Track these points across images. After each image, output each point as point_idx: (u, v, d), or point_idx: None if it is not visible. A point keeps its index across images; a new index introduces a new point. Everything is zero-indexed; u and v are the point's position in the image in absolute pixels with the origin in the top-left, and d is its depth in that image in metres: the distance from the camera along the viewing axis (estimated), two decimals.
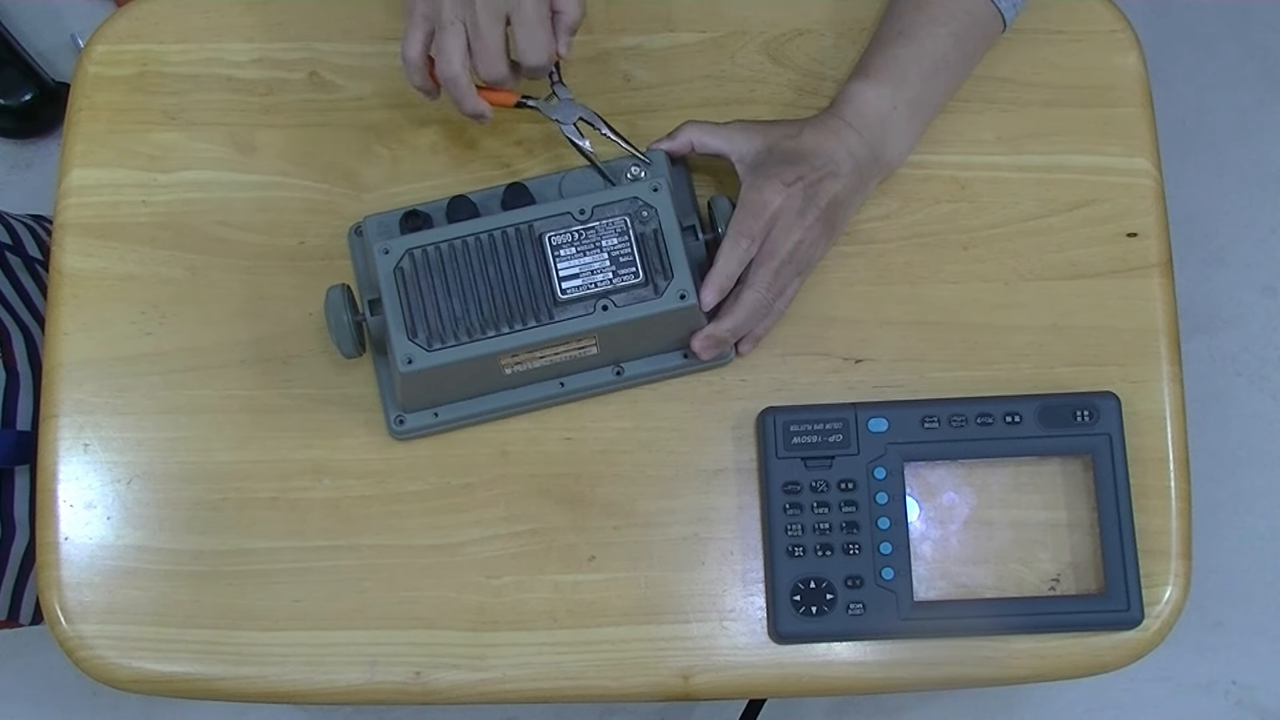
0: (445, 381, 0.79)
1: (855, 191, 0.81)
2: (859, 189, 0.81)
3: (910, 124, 0.82)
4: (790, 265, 0.79)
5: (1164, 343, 0.84)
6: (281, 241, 0.86)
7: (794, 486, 0.80)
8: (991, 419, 0.80)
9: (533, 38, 0.76)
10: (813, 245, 0.79)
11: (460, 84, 0.77)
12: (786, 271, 0.79)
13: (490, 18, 0.75)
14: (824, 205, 0.78)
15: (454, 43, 0.75)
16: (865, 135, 0.80)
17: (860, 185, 0.81)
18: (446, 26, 0.75)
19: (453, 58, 0.76)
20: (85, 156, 0.87)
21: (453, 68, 0.76)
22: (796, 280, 0.81)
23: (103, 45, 0.89)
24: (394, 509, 0.82)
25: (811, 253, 0.80)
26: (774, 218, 0.78)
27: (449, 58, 0.76)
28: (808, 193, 0.78)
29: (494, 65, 0.76)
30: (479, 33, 0.75)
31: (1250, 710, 1.41)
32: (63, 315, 0.85)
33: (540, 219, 0.77)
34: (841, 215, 0.81)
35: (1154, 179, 0.87)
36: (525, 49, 0.76)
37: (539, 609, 0.81)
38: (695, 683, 0.80)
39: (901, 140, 0.82)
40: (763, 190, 0.77)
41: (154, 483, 0.83)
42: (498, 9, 0.75)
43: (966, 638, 0.80)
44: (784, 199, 0.77)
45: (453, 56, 0.76)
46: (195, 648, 0.80)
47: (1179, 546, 0.82)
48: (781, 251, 0.78)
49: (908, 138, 0.83)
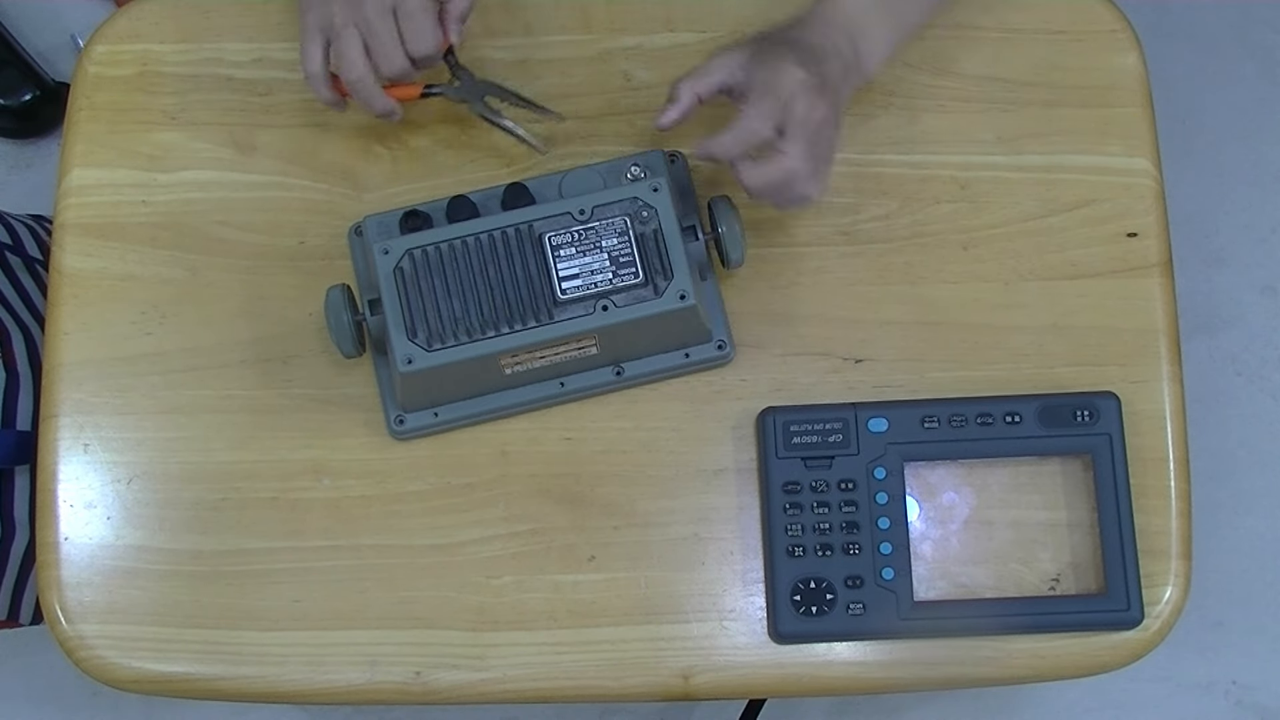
0: (445, 381, 0.79)
1: (845, 84, 0.79)
2: (846, 84, 0.79)
3: (885, 28, 0.81)
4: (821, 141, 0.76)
5: (1164, 343, 0.84)
6: (281, 241, 0.86)
7: (794, 486, 0.80)
8: (991, 419, 0.80)
9: (418, 29, 0.78)
10: (831, 125, 0.77)
11: (367, 85, 0.79)
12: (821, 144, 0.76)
13: (380, 14, 0.77)
14: (834, 86, 0.76)
15: (352, 46, 0.78)
16: (846, 31, 0.79)
17: (846, 81, 0.79)
18: (341, 32, 0.78)
19: (355, 61, 0.78)
20: (85, 156, 0.87)
21: (356, 70, 0.78)
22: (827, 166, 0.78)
23: (103, 45, 0.89)
24: (394, 509, 0.82)
25: (832, 134, 0.77)
26: (793, 95, 0.74)
27: (351, 61, 0.78)
28: (818, 71, 0.75)
29: (393, 60, 0.78)
30: (373, 31, 0.77)
31: (1250, 710, 1.41)
32: (63, 315, 0.85)
33: (540, 219, 0.77)
34: (842, 106, 0.79)
35: (1154, 179, 0.87)
36: (412, 40, 0.78)
37: (539, 609, 0.81)
38: (695, 683, 0.80)
39: (877, 45, 0.80)
40: (778, 71, 0.74)
41: (154, 483, 0.83)
42: (384, 5, 0.77)
43: (966, 638, 0.80)
44: (803, 75, 0.74)
45: (355, 60, 0.78)
46: (195, 648, 0.80)
47: (1179, 546, 0.82)
48: (811, 122, 0.75)
49: (883, 43, 0.81)
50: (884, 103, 0.88)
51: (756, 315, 0.85)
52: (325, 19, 0.78)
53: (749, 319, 0.85)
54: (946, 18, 0.89)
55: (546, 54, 0.89)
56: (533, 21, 0.89)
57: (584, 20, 0.89)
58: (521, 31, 0.89)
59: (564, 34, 0.89)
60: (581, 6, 0.89)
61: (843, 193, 0.87)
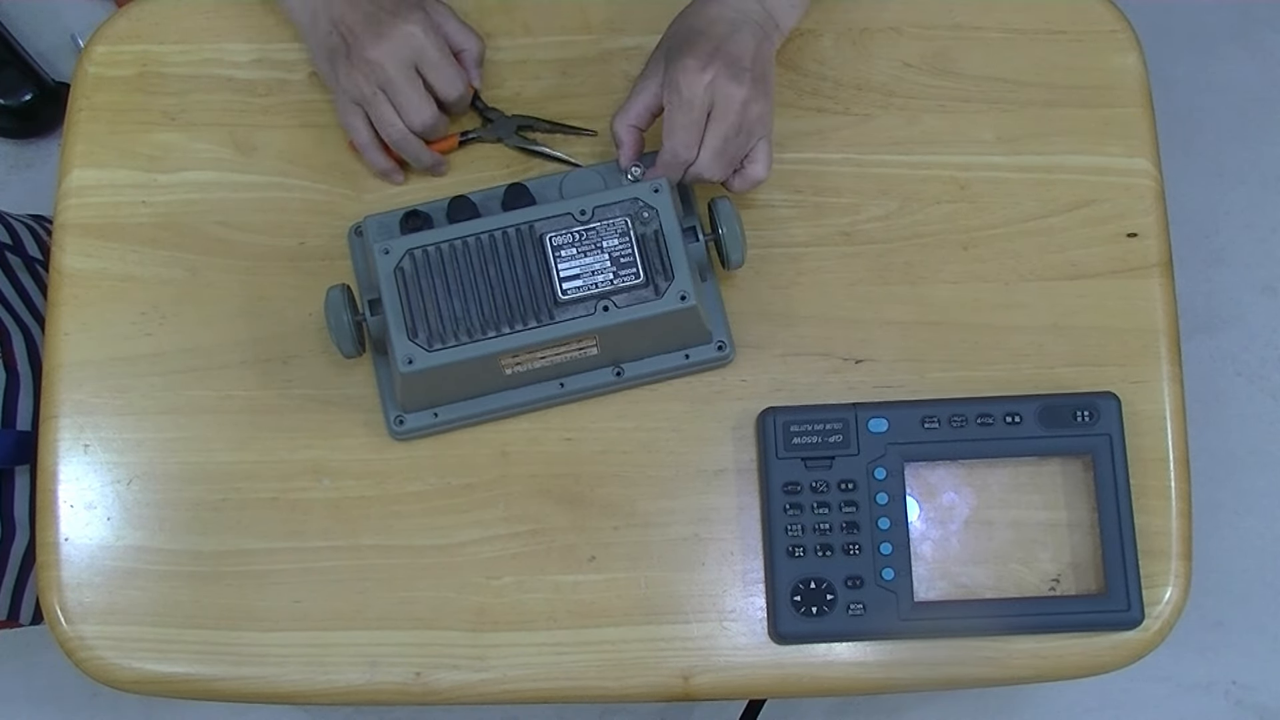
0: (445, 382, 0.79)
1: (763, 47, 0.79)
2: (763, 48, 0.80)
3: None
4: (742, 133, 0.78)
5: (1164, 343, 0.84)
6: (281, 241, 0.86)
7: (794, 487, 0.80)
8: (991, 419, 0.80)
9: (443, 75, 0.82)
10: (756, 103, 0.78)
11: (410, 142, 0.83)
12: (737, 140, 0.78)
13: (402, 71, 0.80)
14: (748, 60, 0.77)
15: (385, 109, 0.81)
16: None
17: (763, 45, 0.80)
18: (371, 99, 0.81)
19: (393, 121, 0.82)
20: (85, 157, 0.87)
21: (397, 129, 0.82)
22: (763, 143, 0.80)
23: (103, 45, 0.89)
24: (394, 509, 0.82)
25: (761, 110, 0.78)
26: (708, 97, 0.76)
27: (389, 122, 0.82)
28: (725, 59, 0.76)
29: (421, 112, 0.82)
30: (398, 89, 0.81)
31: (1250, 710, 1.41)
32: (63, 315, 0.85)
33: (541, 219, 0.77)
34: (766, 72, 0.80)
35: (1154, 179, 0.87)
36: (441, 87, 0.82)
37: (539, 609, 0.81)
38: (695, 683, 0.80)
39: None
40: (683, 83, 0.76)
41: (154, 483, 0.83)
42: (406, 64, 0.80)
43: (967, 638, 0.80)
44: (709, 76, 0.76)
45: (392, 120, 0.82)
46: (195, 648, 0.80)
47: (1179, 546, 0.82)
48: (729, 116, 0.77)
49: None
50: (884, 103, 0.88)
51: (756, 315, 0.85)
52: (354, 89, 0.81)
53: (749, 319, 0.85)
54: (946, 17, 0.89)
55: (546, 54, 0.89)
56: (532, 21, 0.89)
57: (584, 20, 0.89)
58: (521, 31, 0.89)
59: (564, 34, 0.89)
60: (581, 6, 0.89)
61: (843, 193, 0.87)
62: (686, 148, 0.78)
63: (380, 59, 0.79)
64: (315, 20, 0.82)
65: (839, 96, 0.88)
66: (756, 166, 0.81)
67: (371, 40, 0.79)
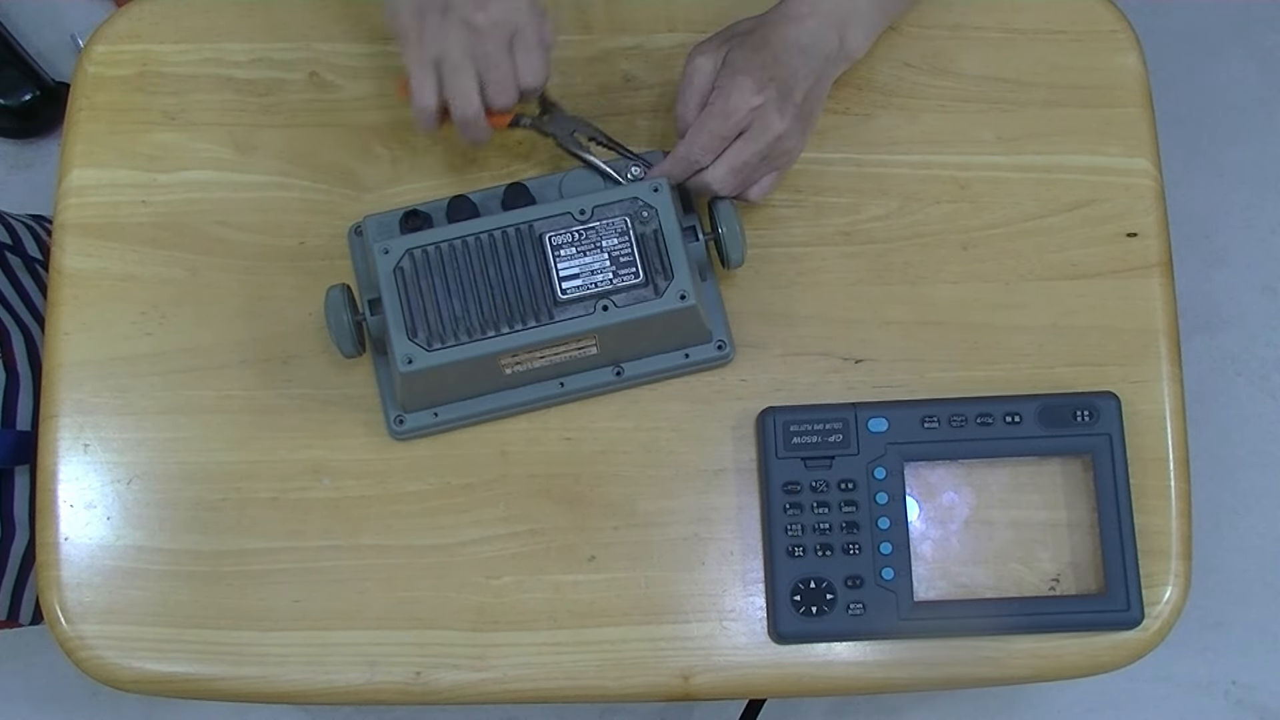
0: (445, 381, 0.79)
1: (822, 81, 0.80)
2: (825, 78, 0.80)
3: (876, 13, 0.81)
4: (765, 161, 0.79)
5: (1164, 343, 0.84)
6: (281, 241, 0.86)
7: (794, 486, 0.80)
8: (991, 419, 0.80)
9: (535, 61, 0.77)
10: (791, 138, 0.78)
11: (481, 123, 0.78)
12: (759, 167, 0.79)
13: (500, 48, 0.75)
14: (801, 92, 0.77)
15: (469, 83, 0.76)
16: (834, 19, 0.79)
17: (826, 74, 0.80)
18: (459, 68, 0.76)
19: (472, 98, 0.76)
20: (85, 156, 0.87)
21: (474, 106, 0.77)
22: (776, 175, 0.81)
23: (103, 45, 0.89)
24: (394, 509, 0.82)
25: (792, 146, 0.79)
26: (749, 119, 0.76)
27: (468, 99, 0.76)
28: (780, 85, 0.76)
29: (509, 93, 0.77)
30: (491, 64, 0.75)
31: (1250, 710, 1.41)
32: (63, 315, 0.85)
33: (540, 219, 0.77)
34: (817, 108, 0.80)
35: (1154, 179, 0.87)
36: (527, 72, 0.77)
37: (539, 609, 0.81)
38: (695, 683, 0.80)
39: (865, 32, 0.81)
40: (733, 94, 0.76)
41: (154, 483, 0.83)
42: (504, 37, 0.75)
43: (966, 638, 0.80)
44: (760, 100, 0.76)
45: (472, 97, 0.76)
46: (195, 648, 0.80)
47: (1179, 546, 0.82)
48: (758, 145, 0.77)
49: (871, 29, 0.81)
50: (884, 103, 0.88)
51: (756, 315, 0.85)
52: (439, 51, 0.76)
53: (749, 319, 0.85)
54: (946, 17, 0.89)
55: None
56: None
57: (584, 20, 0.89)
58: None
59: (564, 34, 0.89)
60: (581, 6, 0.89)
61: (843, 193, 0.87)
62: (705, 152, 0.77)
63: (485, 25, 0.74)
64: None
65: (838, 96, 0.88)
66: (752, 189, 0.81)
67: (478, 2, 0.74)
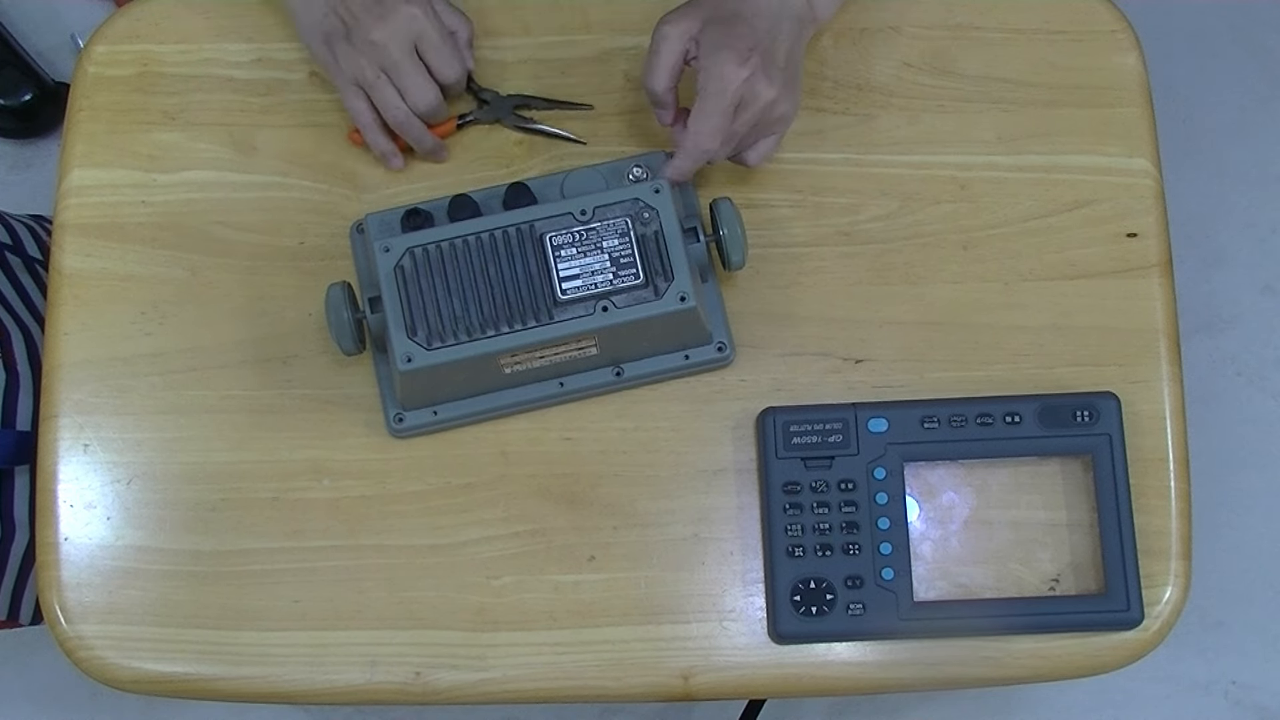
0: (444, 380, 0.79)
1: (799, 42, 0.80)
2: (800, 39, 0.80)
3: None
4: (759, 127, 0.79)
5: (1164, 343, 0.84)
6: (281, 241, 0.86)
7: (794, 487, 0.80)
8: (991, 419, 0.80)
9: (443, 57, 0.82)
10: (783, 103, 0.78)
11: (413, 124, 0.83)
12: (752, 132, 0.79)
13: (405, 54, 0.81)
14: (782, 57, 0.78)
15: (388, 91, 0.82)
16: None
17: (799, 39, 0.80)
18: (374, 81, 0.82)
19: (396, 103, 0.82)
20: (85, 156, 0.87)
21: (400, 111, 0.82)
22: (773, 139, 0.81)
23: (103, 45, 0.89)
24: (394, 509, 0.82)
25: (785, 111, 0.79)
26: (740, 92, 0.77)
27: (392, 104, 0.82)
28: (762, 54, 0.77)
29: (425, 93, 0.82)
30: (401, 71, 0.81)
31: (1250, 710, 1.41)
32: (63, 315, 0.85)
33: (541, 219, 0.77)
34: (799, 69, 0.81)
35: (1154, 179, 0.87)
36: (440, 69, 0.83)
37: (539, 609, 0.81)
38: (695, 683, 0.80)
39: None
40: (723, 73, 0.76)
41: (154, 483, 0.83)
42: (406, 45, 0.81)
43: (966, 638, 0.80)
44: (745, 73, 0.76)
45: (395, 102, 0.82)
46: (195, 648, 0.80)
47: (1179, 546, 0.82)
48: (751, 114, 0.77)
49: None
50: (884, 103, 0.88)
51: (756, 315, 0.85)
52: (356, 70, 0.81)
53: (749, 319, 0.85)
54: (946, 18, 0.89)
55: (546, 54, 0.89)
56: (532, 21, 0.89)
57: (584, 20, 0.89)
58: (521, 31, 0.89)
59: (564, 34, 0.89)
60: (581, 6, 0.89)
61: (843, 193, 0.87)
62: (712, 138, 0.78)
63: (384, 40, 0.80)
64: (310, 3, 0.82)
65: (839, 96, 0.88)
66: (750, 154, 0.81)
67: (374, 22, 0.80)
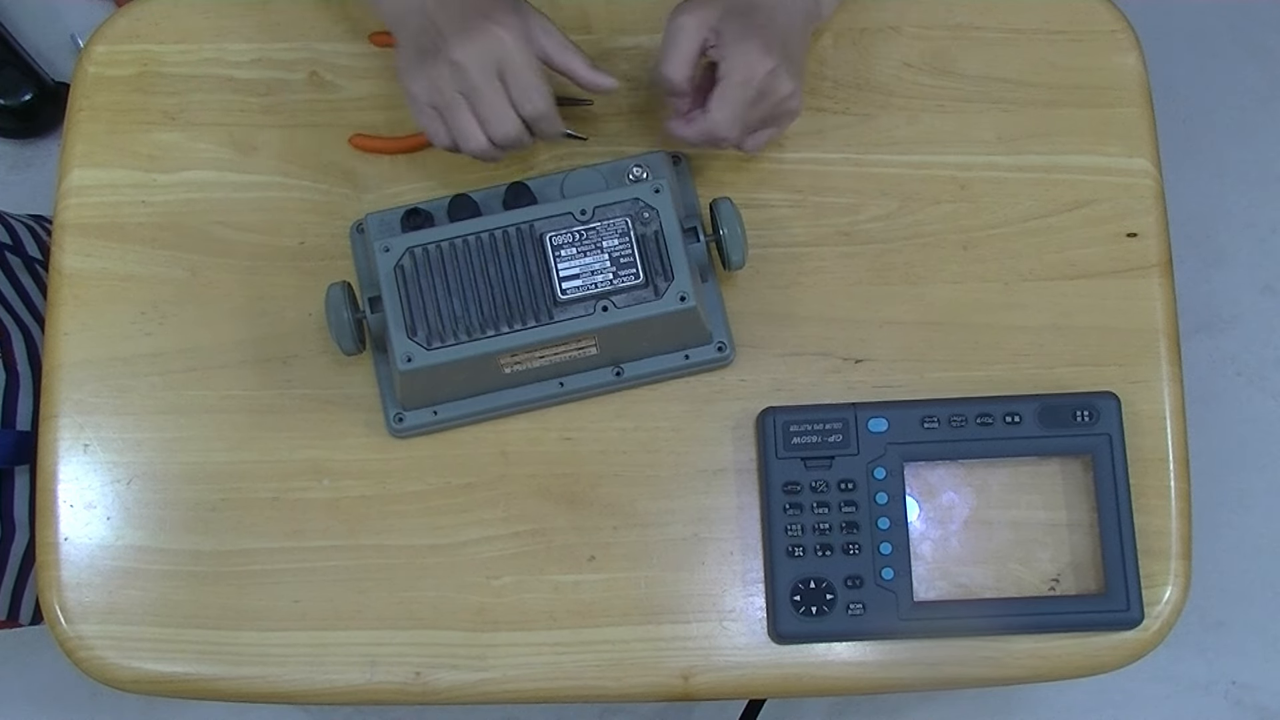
0: (444, 380, 0.79)
1: (807, 39, 0.81)
2: (806, 36, 0.81)
3: None
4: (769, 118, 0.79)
5: (1164, 343, 0.84)
6: (281, 241, 0.86)
7: (794, 486, 0.80)
8: (991, 419, 0.80)
9: (527, 86, 0.75)
10: (795, 97, 0.79)
11: (490, 154, 0.77)
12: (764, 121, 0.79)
13: (487, 79, 0.74)
14: (797, 51, 0.78)
15: (463, 121, 0.75)
16: None
17: (805, 33, 0.81)
18: (450, 106, 0.75)
19: (474, 134, 0.76)
20: (85, 156, 0.87)
21: (478, 143, 0.76)
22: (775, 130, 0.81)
23: (103, 45, 0.89)
24: (394, 509, 0.82)
25: (795, 105, 0.79)
26: (764, 83, 0.76)
27: (469, 135, 0.76)
28: (782, 46, 0.76)
29: (505, 124, 0.75)
30: (482, 98, 0.74)
31: (1250, 710, 1.41)
32: (63, 315, 0.85)
33: (541, 219, 0.77)
34: (804, 61, 0.81)
35: (1154, 179, 0.87)
36: (518, 99, 0.75)
37: (539, 609, 0.81)
38: (695, 683, 0.80)
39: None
40: (749, 64, 0.75)
41: (154, 483, 0.83)
42: (489, 69, 0.74)
43: (966, 638, 0.80)
44: (771, 64, 0.75)
45: (473, 133, 0.76)
46: (195, 648, 0.80)
47: (1179, 546, 0.82)
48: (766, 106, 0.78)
49: None
50: (884, 103, 0.88)
51: (756, 315, 0.85)
52: (432, 92, 0.75)
53: (749, 319, 0.85)
54: (946, 18, 0.89)
55: None
56: None
57: (584, 20, 0.89)
58: None
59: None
60: (581, 6, 0.89)
61: (843, 193, 0.87)
62: (731, 126, 0.77)
63: (464, 61, 0.73)
64: (404, 18, 0.76)
65: (839, 96, 0.88)
66: (750, 140, 0.80)
67: (457, 40, 0.73)
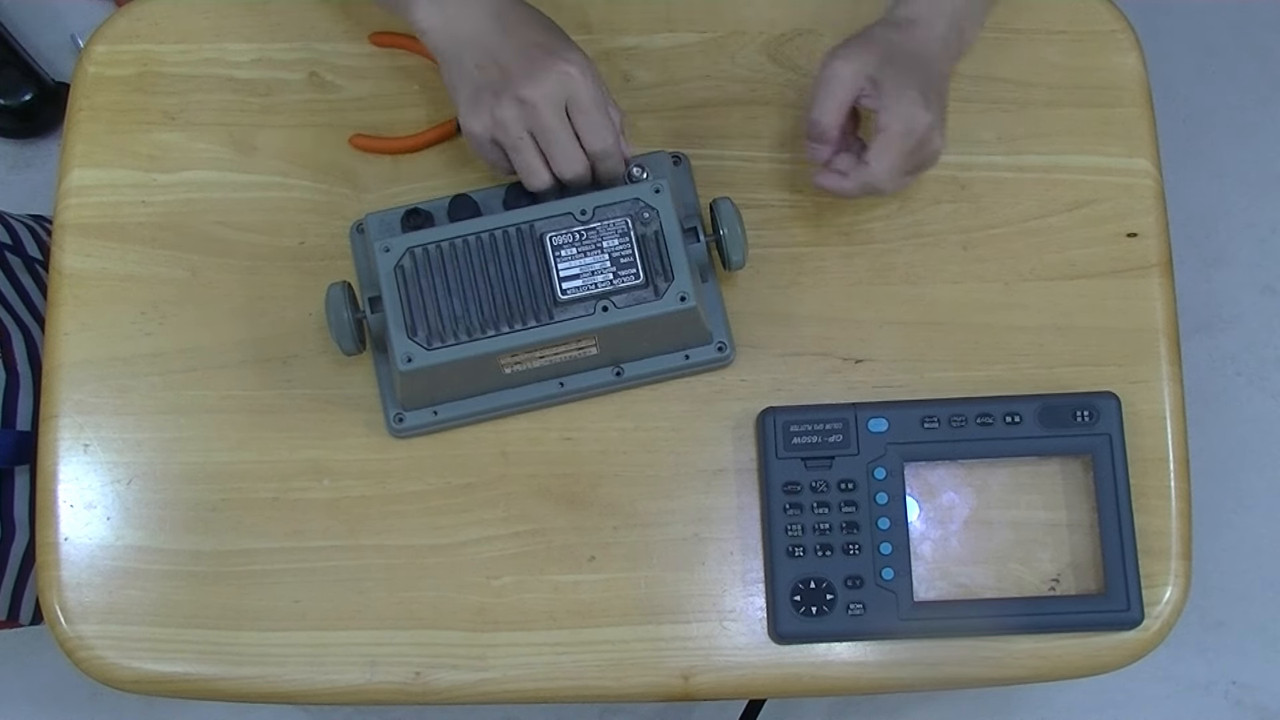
0: (444, 380, 0.79)
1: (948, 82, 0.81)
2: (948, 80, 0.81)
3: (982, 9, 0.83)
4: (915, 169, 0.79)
5: (1164, 343, 0.84)
6: (281, 241, 0.86)
7: (794, 487, 0.80)
8: (991, 419, 0.80)
9: (594, 124, 0.75)
10: (943, 140, 0.79)
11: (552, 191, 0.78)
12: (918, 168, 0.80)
13: (556, 116, 0.74)
14: (945, 103, 0.79)
15: (530, 159, 0.75)
16: (953, 20, 0.80)
17: (949, 77, 0.81)
18: (516, 145, 0.75)
19: (541, 173, 0.76)
20: (85, 156, 0.87)
21: (543, 180, 0.76)
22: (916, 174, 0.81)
23: (103, 45, 0.89)
24: (394, 509, 0.82)
25: (940, 150, 0.80)
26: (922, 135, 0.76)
27: (532, 172, 0.76)
28: (937, 96, 0.77)
29: (574, 162, 0.76)
30: (552, 137, 0.74)
31: (1250, 710, 1.41)
32: (63, 315, 0.85)
33: (541, 219, 0.77)
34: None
35: (1154, 179, 0.87)
36: (588, 136, 0.75)
37: (539, 609, 0.81)
38: (695, 683, 0.80)
39: (976, 29, 0.82)
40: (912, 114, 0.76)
41: (154, 483, 0.83)
42: (558, 105, 0.74)
43: (966, 638, 0.80)
44: (929, 118, 0.76)
45: (540, 171, 0.76)
46: (195, 648, 0.80)
47: (1179, 546, 0.82)
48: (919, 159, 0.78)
49: (979, 26, 0.83)
50: None
51: (757, 315, 0.85)
52: (497, 130, 0.75)
53: (749, 319, 0.85)
54: None
55: None
56: None
57: (584, 20, 0.89)
58: None
59: None
60: (581, 6, 0.89)
61: None
62: (890, 178, 0.77)
63: (534, 99, 0.72)
64: (459, 55, 0.75)
65: None
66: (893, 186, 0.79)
67: (526, 79, 0.73)
